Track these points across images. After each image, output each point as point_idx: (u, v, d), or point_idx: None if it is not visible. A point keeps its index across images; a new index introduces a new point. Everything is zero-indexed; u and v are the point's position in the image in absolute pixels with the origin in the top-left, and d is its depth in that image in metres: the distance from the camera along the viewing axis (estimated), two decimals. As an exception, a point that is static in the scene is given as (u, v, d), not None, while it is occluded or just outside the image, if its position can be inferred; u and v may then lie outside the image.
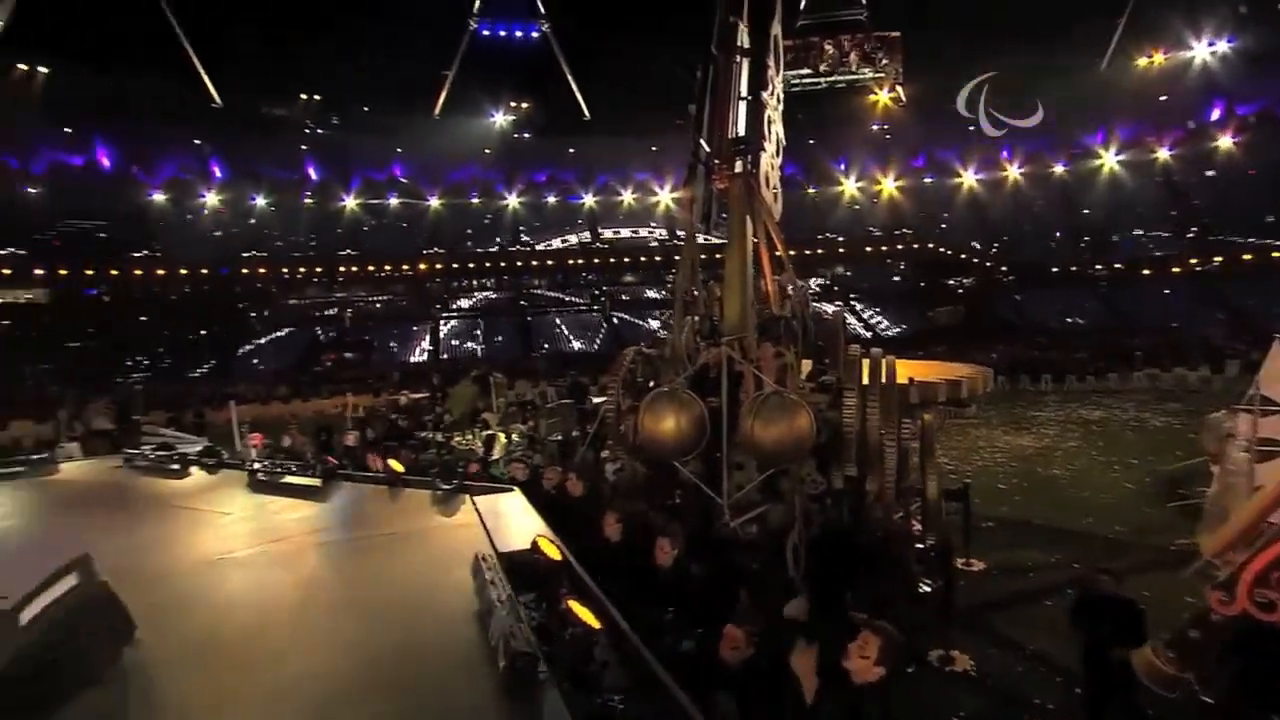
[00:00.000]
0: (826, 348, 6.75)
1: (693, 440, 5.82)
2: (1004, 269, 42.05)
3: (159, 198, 33.73)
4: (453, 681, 3.17)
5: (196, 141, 34.35)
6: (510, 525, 4.85)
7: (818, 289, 37.23)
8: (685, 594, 4.45)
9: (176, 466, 7.63)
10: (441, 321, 34.93)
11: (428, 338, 33.48)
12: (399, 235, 37.75)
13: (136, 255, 32.16)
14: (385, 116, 37.31)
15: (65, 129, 31.60)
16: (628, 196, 42.40)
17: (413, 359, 31.54)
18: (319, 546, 4.86)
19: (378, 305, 35.66)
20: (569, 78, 42.19)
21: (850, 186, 44.97)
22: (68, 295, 30.38)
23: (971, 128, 42.97)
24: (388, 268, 36.59)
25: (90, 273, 30.98)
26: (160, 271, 32.38)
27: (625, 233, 42.32)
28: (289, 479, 6.42)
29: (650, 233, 42.37)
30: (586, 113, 42.79)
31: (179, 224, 34.18)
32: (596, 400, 12.11)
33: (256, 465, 6.91)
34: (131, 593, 3.53)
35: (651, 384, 6.50)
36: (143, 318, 31.09)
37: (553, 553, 3.90)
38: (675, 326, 6.91)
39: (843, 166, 44.56)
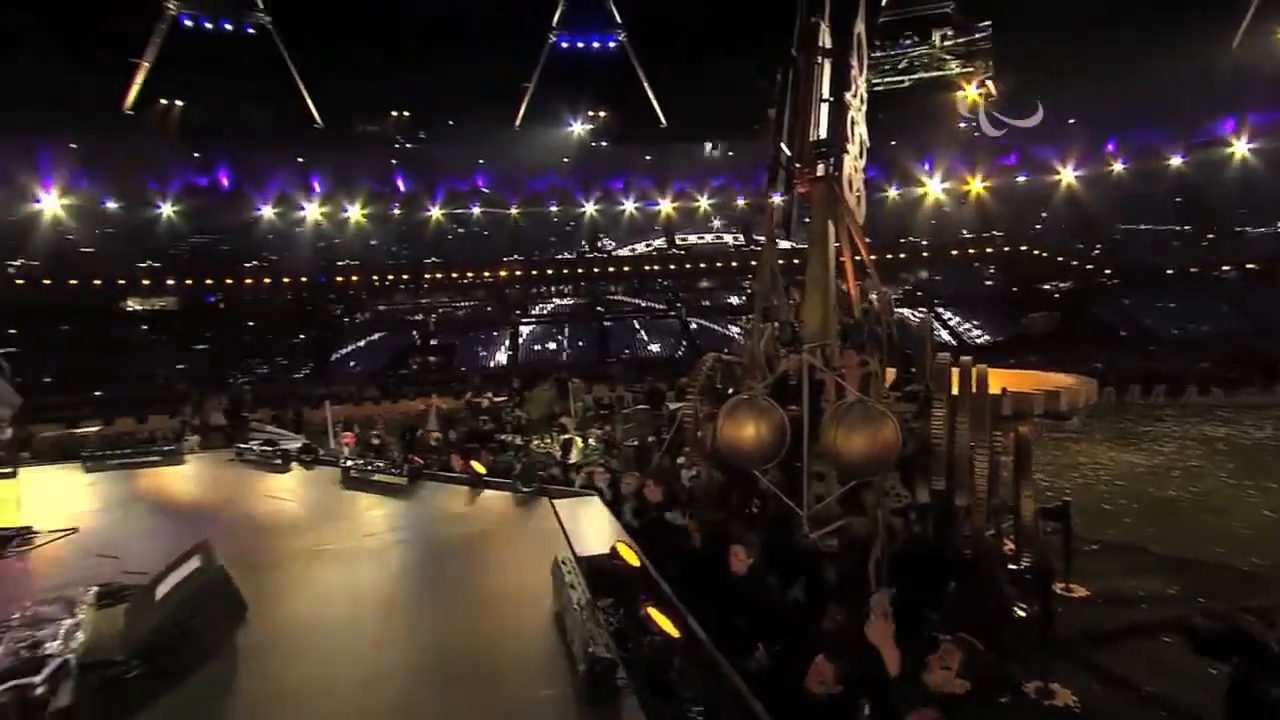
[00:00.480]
0: (913, 356, 6.47)
1: (772, 449, 5.71)
2: (1108, 272, 38.93)
3: (267, 212, 36.43)
4: (532, 682, 3.23)
5: (300, 159, 36.90)
6: (589, 529, 4.90)
7: (900, 295, 35.84)
8: (761, 604, 4.36)
9: (279, 461, 8.21)
10: (521, 326, 35.92)
11: (507, 342, 34.53)
12: (481, 243, 39.16)
13: (247, 265, 34.84)
14: (469, 129, 38.90)
15: (194, 153, 34.78)
16: (704, 202, 42.27)
17: (493, 363, 32.58)
18: (406, 543, 5.08)
19: (460, 311, 37.07)
20: (645, 86, 42.57)
21: (935, 188, 43.04)
22: (193, 303, 33.45)
23: (1071, 121, 40.00)
24: (470, 274, 38.02)
25: (210, 282, 33.90)
26: (267, 280, 35.01)
27: (701, 238, 42.23)
28: (378, 476, 6.76)
29: (726, 239, 42.08)
30: (663, 120, 43.04)
31: (284, 236, 36.79)
32: (673, 406, 12.11)
33: (349, 463, 7.32)
34: (242, 578, 3.82)
35: (730, 391, 6.42)
36: (251, 323, 33.64)
37: (631, 559, 3.91)
38: (754, 333, 6.82)
39: (927, 167, 42.72)
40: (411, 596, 4.22)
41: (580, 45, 42.88)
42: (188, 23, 35.68)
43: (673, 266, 40.60)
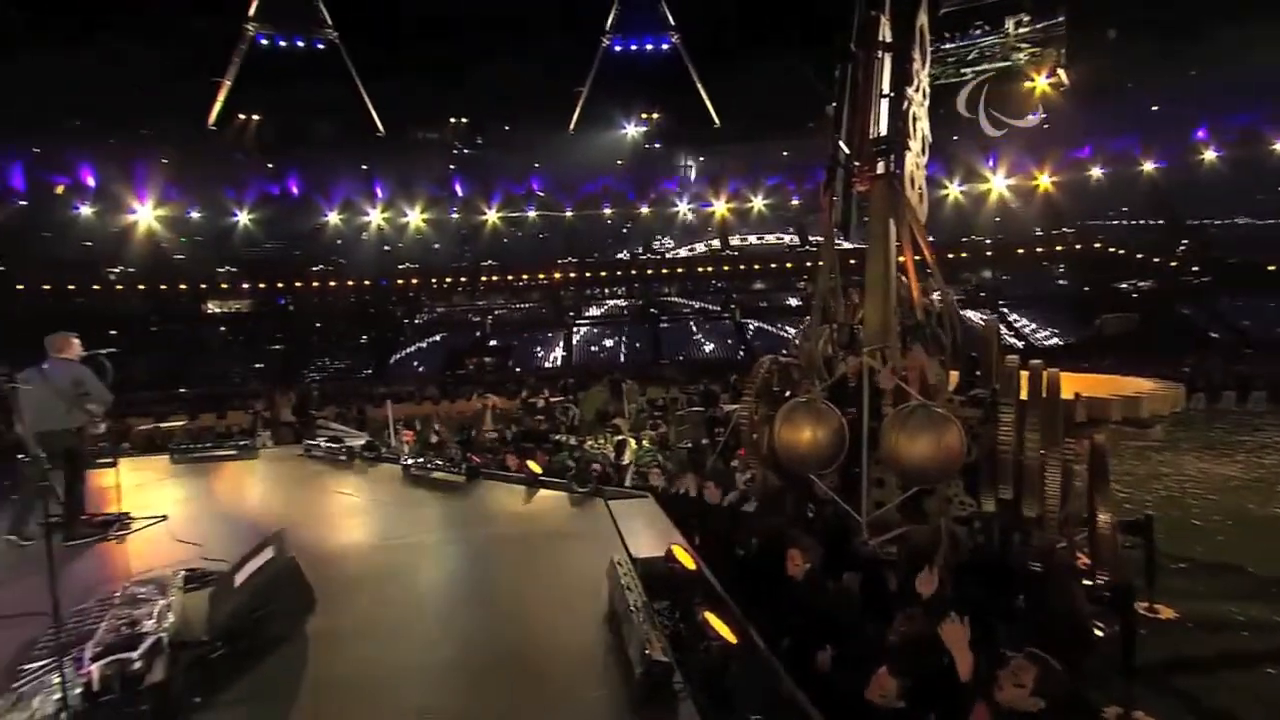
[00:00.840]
0: (978, 359, 6.21)
1: (830, 453, 5.59)
2: (1195, 269, 36.32)
3: (334, 218, 38.04)
4: (589, 683, 3.25)
5: (364, 167, 38.40)
6: (644, 531, 4.91)
7: (963, 296, 34.48)
8: (818, 610, 4.27)
9: (344, 458, 8.56)
10: (575, 328, 36.33)
11: (562, 343, 34.97)
12: (536, 245, 39.81)
13: (314, 269, 36.46)
14: (524, 134, 39.66)
15: (268, 164, 36.73)
16: (758, 202, 41.77)
17: (548, 364, 33.06)
18: (464, 540, 5.21)
19: (516, 312, 37.80)
20: (699, 86, 42.43)
21: (999, 183, 41.23)
22: (265, 306, 35.34)
23: (1156, 108, 37.34)
24: (525, 277, 38.72)
25: (280, 285, 35.70)
26: (332, 283, 36.57)
27: (756, 239, 41.75)
28: (437, 474, 6.97)
29: (782, 239, 41.48)
30: (716, 120, 42.80)
31: (348, 241, 38.33)
32: (727, 408, 12.00)
33: (409, 460, 7.55)
34: (311, 568, 3.99)
35: (788, 394, 6.32)
36: (318, 324, 35.19)
37: (687, 562, 3.90)
38: (812, 335, 6.68)
39: (992, 163, 40.98)
40: (469, 593, 4.32)
41: (633, 48, 43.09)
42: (264, 42, 37.65)
43: (727, 268, 40.30)
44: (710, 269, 40.26)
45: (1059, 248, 39.76)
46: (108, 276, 33.04)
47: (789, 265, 39.65)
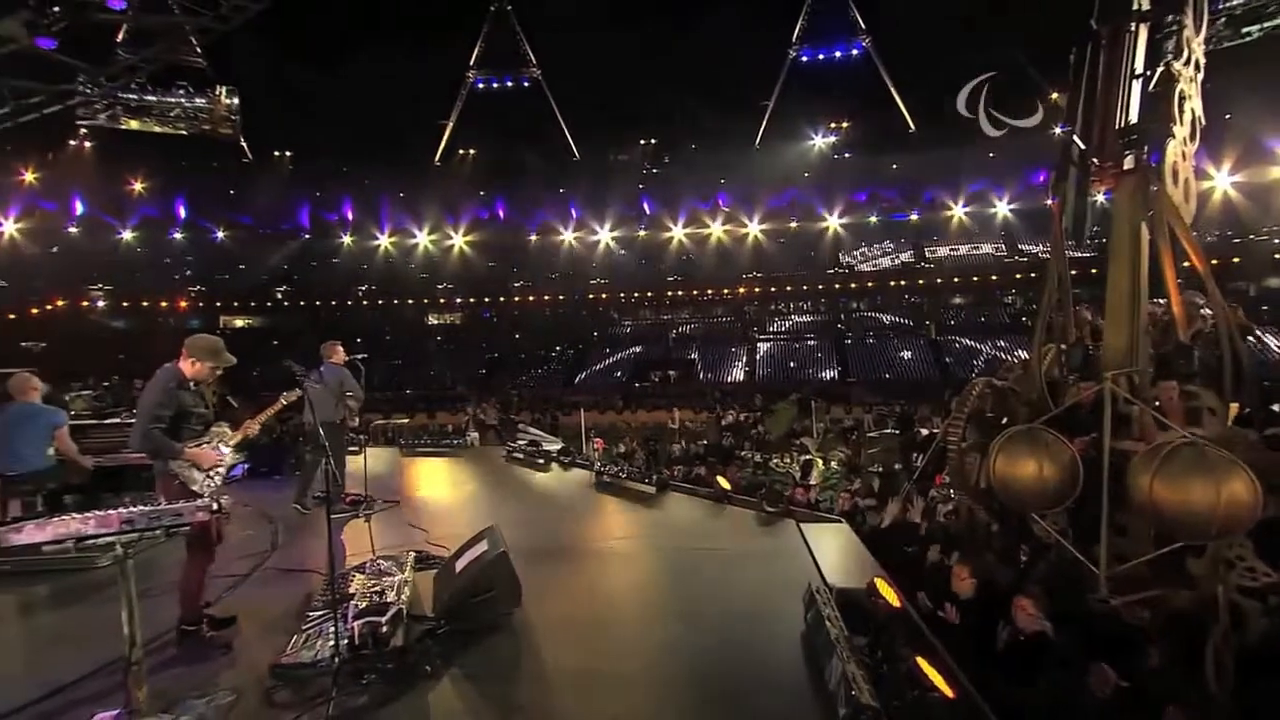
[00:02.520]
0: (1274, 390, 5.05)
1: (1057, 491, 4.86)
2: None
3: (533, 239, 41.55)
4: (783, 713, 3.12)
5: (560, 190, 41.51)
6: (839, 559, 4.66)
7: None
8: (1047, 670, 3.71)
9: (541, 461, 9.23)
10: (759, 343, 35.87)
11: (745, 358, 34.72)
12: (721, 260, 40.04)
13: (516, 285, 40.07)
14: (710, 152, 40.18)
15: (480, 192, 41.34)
16: (958, 211, 38.21)
17: (730, 379, 33.00)
18: (656, 550, 5.30)
19: (701, 327, 38.26)
20: (891, 90, 40.05)
21: (1288, 172, 33.43)
22: (474, 318, 39.65)
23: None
24: (710, 291, 39.02)
25: (487, 300, 39.77)
26: (530, 298, 39.87)
27: (955, 250, 38.18)
28: (628, 483, 7.21)
29: (984, 250, 37.45)
30: (911, 124, 40.04)
31: (546, 259, 41.59)
32: (926, 432, 11.09)
33: (602, 468, 7.92)
34: (514, 563, 4.29)
35: (1004, 420, 5.63)
36: (517, 335, 38.58)
37: (891, 598, 3.60)
38: (1034, 356, 5.90)
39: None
40: (662, 603, 4.37)
41: (822, 57, 41.86)
42: (480, 85, 42.51)
43: (921, 281, 37.21)
44: (903, 282, 37.43)
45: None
46: (356, 292, 39.18)
47: (994, 278, 35.64)
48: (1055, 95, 7.03)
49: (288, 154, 39.39)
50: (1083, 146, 5.91)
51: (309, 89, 36.16)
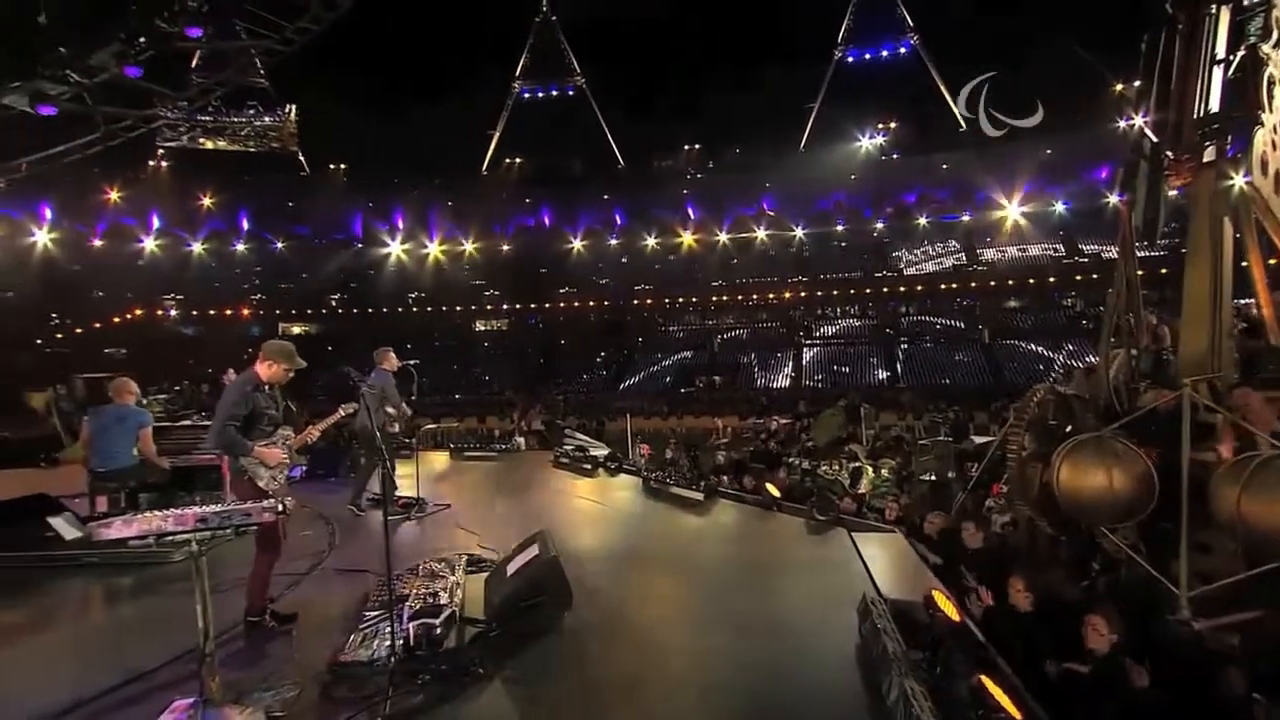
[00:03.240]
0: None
1: (1129, 504, 4.62)
2: None
3: (578, 245, 41.97)
4: (838, 725, 3.05)
5: (605, 197, 41.81)
6: (894, 569, 4.53)
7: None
8: (1127, 699, 3.50)
9: (588, 466, 9.26)
10: (805, 348, 35.29)
11: (791, 364, 34.21)
12: (766, 266, 39.63)
13: (562, 291, 40.49)
14: (754, 156, 39.87)
15: (525, 200, 42.01)
16: (1013, 211, 36.87)
17: (776, 385, 32.58)
18: (704, 556, 5.25)
19: (745, 332, 37.89)
20: (941, 88, 39.00)
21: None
22: (519, 325, 40.22)
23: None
24: (755, 296, 38.63)
25: (533, 306, 40.29)
26: (575, 304, 40.22)
27: (1010, 251, 36.83)
28: (675, 489, 7.17)
29: (1041, 250, 36.01)
30: (962, 122, 38.89)
31: (590, 265, 41.91)
32: (980, 440, 10.72)
33: (649, 474, 7.90)
34: (564, 567, 4.30)
35: (1068, 429, 5.39)
36: (562, 341, 38.94)
37: (950, 612, 3.47)
38: (1101, 361, 5.64)
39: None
40: (711, 610, 4.31)
41: (868, 57, 41.10)
42: (526, 95, 43.23)
43: (974, 284, 36.00)
44: (955, 285, 36.27)
45: None
46: (406, 299, 40.23)
47: (1052, 280, 34.21)
48: (1119, 87, 6.68)
49: (343, 166, 40.92)
50: (1155, 139, 5.63)
51: (363, 103, 37.68)
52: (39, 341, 33.25)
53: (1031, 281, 34.97)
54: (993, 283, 35.66)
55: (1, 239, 34.40)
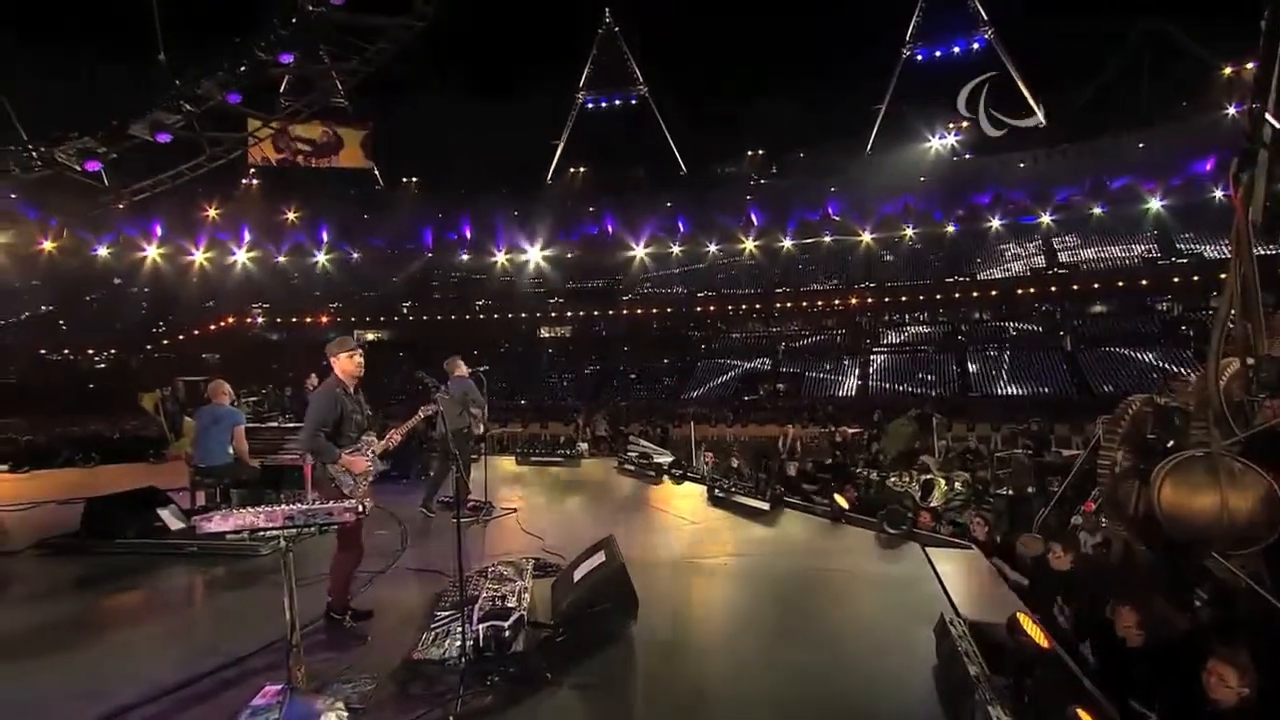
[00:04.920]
0: None
1: (1249, 528, 4.19)
2: None
3: (641, 253, 42.25)
4: (919, 753, 2.91)
5: (668, 204, 41.93)
6: (972, 589, 4.30)
7: None
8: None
9: (653, 474, 9.25)
10: (873, 355, 34.25)
11: (857, 371, 33.26)
12: (832, 271, 38.82)
13: (625, 299, 40.78)
14: (820, 160, 39.21)
15: (589, 208, 42.65)
16: (1098, 210, 34.73)
17: (841, 393, 31.75)
18: (772, 568, 5.13)
19: (810, 339, 37.13)
20: (1018, 82, 37.23)
21: None
22: (583, 331, 40.78)
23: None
24: (820, 303, 37.78)
25: (596, 313, 40.76)
26: (638, 311, 40.39)
27: (1095, 252, 34.65)
28: (741, 498, 7.06)
29: (1134, 250, 33.67)
30: (1042, 118, 37.01)
31: (653, 272, 42.08)
32: (1066, 454, 10.13)
33: (714, 482, 7.81)
34: (632, 576, 4.29)
35: (1170, 444, 4.98)
36: (626, 348, 39.18)
37: (1039, 637, 3.26)
38: (1211, 370, 5.18)
39: None
40: (780, 624, 4.21)
41: (939, 54, 39.72)
42: (590, 105, 43.96)
43: (1054, 288, 33.94)
44: (1033, 290, 34.28)
45: None
46: (473, 306, 41.46)
47: (1144, 282, 31.88)
48: (1227, 70, 6.16)
49: (414, 179, 42.72)
50: (1278, 125, 5.15)
51: (434, 118, 39.29)
52: (148, 347, 36.40)
53: (1121, 284, 32.73)
54: (1075, 286, 33.58)
55: (121, 254, 38.60)
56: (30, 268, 35.38)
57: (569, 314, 41.22)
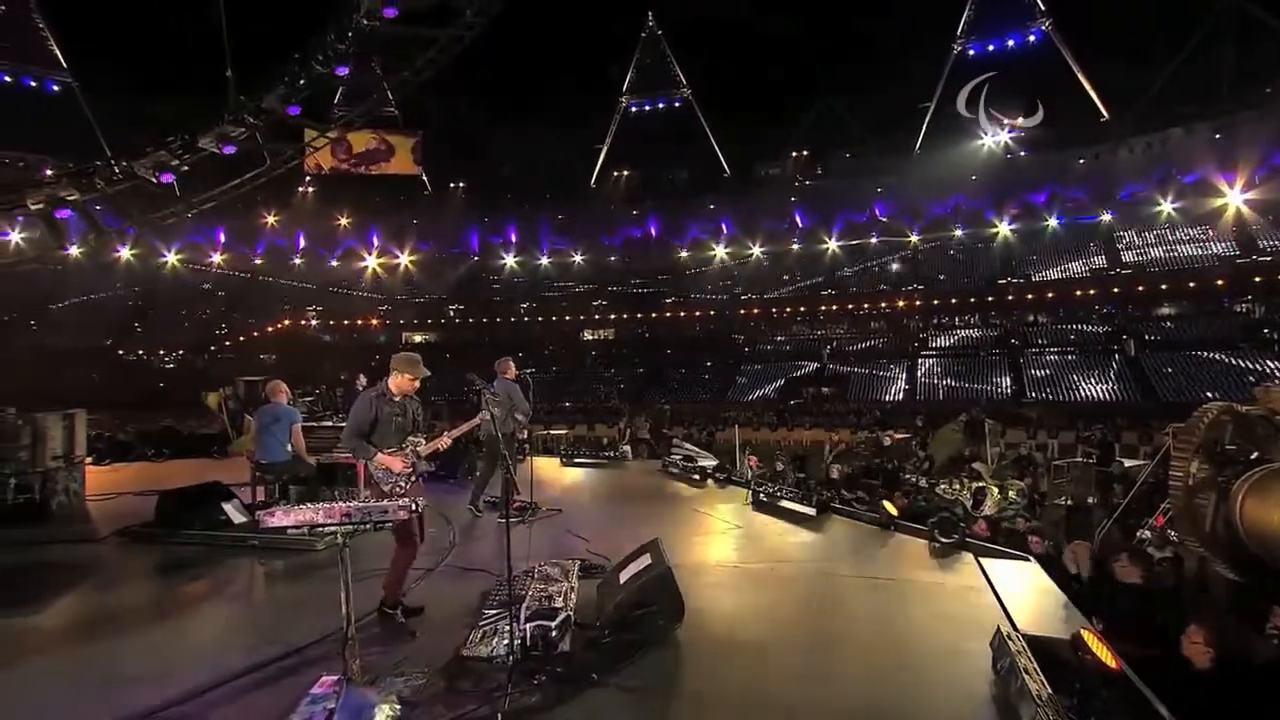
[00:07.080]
0: None
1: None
2: None
3: (684, 255, 42.17)
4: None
5: (711, 206, 41.72)
6: (1030, 602, 4.14)
7: None
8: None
9: (697, 477, 9.20)
10: (920, 358, 33.32)
11: (904, 375, 32.43)
12: (879, 273, 38.01)
13: (668, 301, 40.74)
14: (866, 160, 38.40)
15: (633, 212, 42.77)
16: (1167, 206, 32.95)
17: (888, 397, 31.00)
18: (820, 576, 5.04)
19: (856, 343, 36.40)
20: (1079, 75, 35.72)
21: None
22: (626, 334, 40.90)
23: None
24: (866, 305, 36.99)
25: (640, 316, 40.81)
26: (682, 314, 40.28)
27: (1161, 252, 32.92)
28: (785, 502, 6.97)
29: (1207, 248, 31.75)
30: (1104, 112, 35.44)
31: (696, 275, 41.94)
32: (1129, 463, 9.70)
33: (759, 487, 7.71)
34: (678, 579, 4.27)
35: (1254, 455, 4.70)
36: (669, 350, 39.11)
37: (1105, 656, 3.12)
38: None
39: None
40: (828, 631, 4.13)
41: (992, 49, 38.44)
42: (633, 110, 44.06)
43: (1116, 289, 32.32)
44: (1092, 291, 32.69)
45: None
46: (519, 309, 42.07)
47: (1219, 283, 30.02)
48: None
49: (461, 185, 43.64)
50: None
51: (480, 125, 40.13)
52: (212, 348, 38.30)
53: (1193, 284, 30.96)
54: (1140, 287, 31.97)
55: (188, 262, 41.03)
56: (109, 274, 37.90)
57: (612, 316, 41.42)
